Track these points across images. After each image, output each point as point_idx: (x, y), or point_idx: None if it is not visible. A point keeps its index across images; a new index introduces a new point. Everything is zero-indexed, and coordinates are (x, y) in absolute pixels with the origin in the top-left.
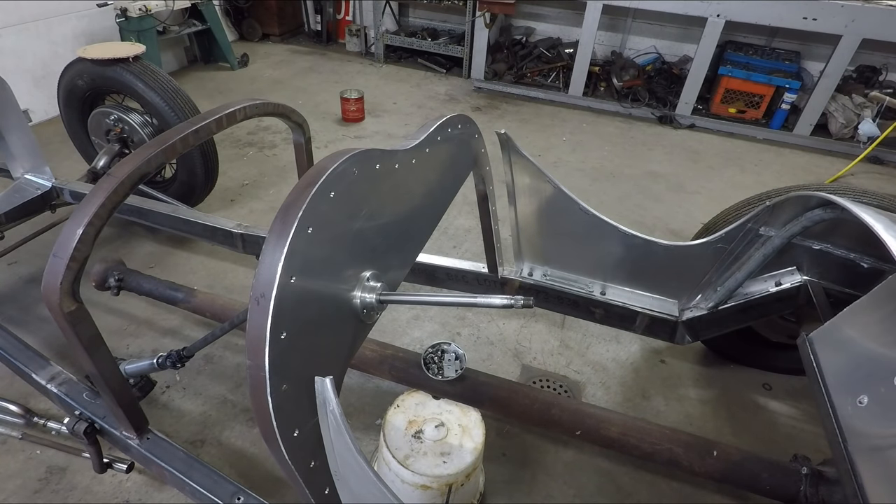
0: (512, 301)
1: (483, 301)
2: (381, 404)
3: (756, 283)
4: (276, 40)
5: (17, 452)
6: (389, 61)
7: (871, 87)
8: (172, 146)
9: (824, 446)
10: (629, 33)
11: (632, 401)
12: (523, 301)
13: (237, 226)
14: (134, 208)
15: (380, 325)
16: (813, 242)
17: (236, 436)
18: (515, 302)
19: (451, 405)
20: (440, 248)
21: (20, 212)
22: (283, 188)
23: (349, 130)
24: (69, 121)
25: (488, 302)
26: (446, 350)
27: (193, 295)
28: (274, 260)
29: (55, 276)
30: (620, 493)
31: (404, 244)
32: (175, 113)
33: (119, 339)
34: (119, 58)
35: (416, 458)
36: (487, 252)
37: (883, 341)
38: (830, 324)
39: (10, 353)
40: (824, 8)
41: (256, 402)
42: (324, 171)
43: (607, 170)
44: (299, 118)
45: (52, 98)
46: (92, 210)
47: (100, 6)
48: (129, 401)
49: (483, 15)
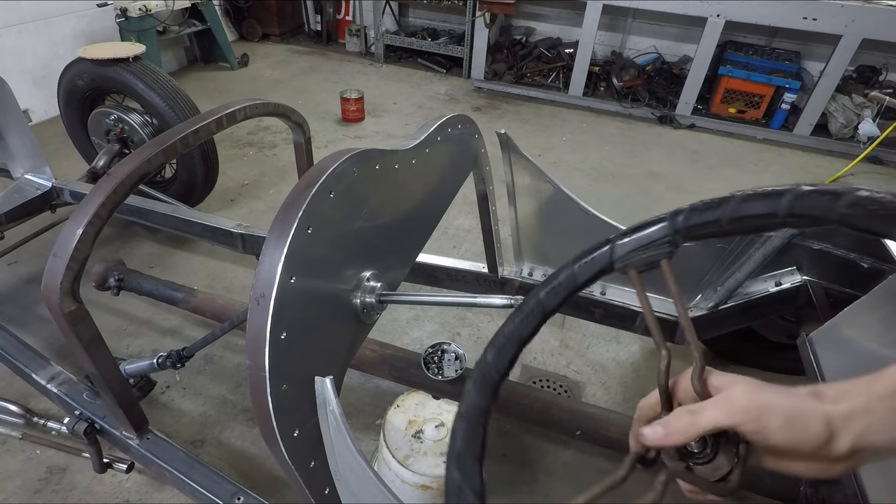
0: (512, 301)
1: (483, 301)
2: (381, 404)
3: (756, 283)
4: (276, 40)
5: (17, 452)
6: (389, 61)
7: (871, 87)
8: (172, 146)
9: None
10: (629, 33)
11: (632, 401)
12: (523, 301)
13: (237, 226)
14: (134, 208)
15: (380, 325)
16: (813, 242)
17: (236, 436)
18: (515, 302)
19: (451, 405)
20: (440, 248)
21: (20, 212)
22: (283, 188)
23: (349, 130)
24: (69, 121)
25: (488, 302)
26: (446, 350)
27: (193, 295)
28: (274, 260)
29: (55, 276)
30: (620, 493)
31: (404, 244)
32: (175, 113)
33: (119, 339)
34: (119, 58)
35: (416, 458)
36: (487, 252)
37: (883, 341)
38: (830, 324)
39: (10, 353)
40: (824, 8)
41: (256, 402)
42: (324, 171)
43: (607, 170)
44: (299, 118)
45: (52, 98)
46: (92, 210)
47: (100, 6)
48: (129, 401)
49: (483, 15)
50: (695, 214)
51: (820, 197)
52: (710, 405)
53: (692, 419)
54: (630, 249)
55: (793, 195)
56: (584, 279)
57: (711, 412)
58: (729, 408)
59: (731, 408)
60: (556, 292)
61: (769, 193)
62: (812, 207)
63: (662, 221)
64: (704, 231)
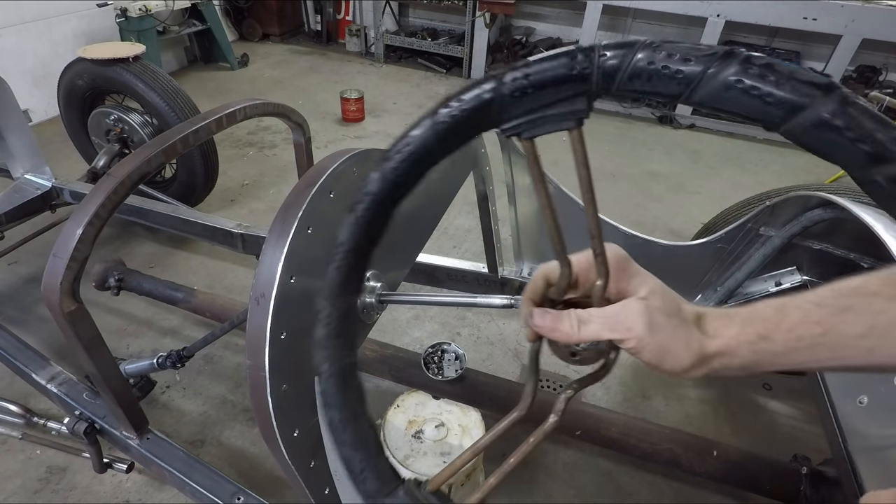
0: (512, 301)
1: (483, 301)
2: (381, 404)
3: (756, 283)
4: (276, 40)
5: (17, 452)
6: (389, 61)
7: (871, 87)
8: (172, 146)
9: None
10: (629, 33)
11: (632, 401)
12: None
13: (237, 226)
14: (134, 208)
15: (380, 325)
16: (813, 242)
17: (236, 436)
18: (515, 302)
19: (451, 405)
20: (440, 248)
21: (20, 212)
22: (283, 188)
23: (349, 130)
24: (69, 121)
25: (488, 302)
26: (446, 350)
27: (193, 295)
28: (274, 260)
29: (55, 276)
30: (620, 493)
31: (404, 244)
32: (175, 113)
33: (119, 339)
34: (119, 58)
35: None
36: (487, 252)
37: None
38: None
39: (10, 353)
40: (824, 8)
41: (256, 402)
42: (324, 171)
43: (607, 170)
44: (299, 118)
45: (52, 98)
46: (92, 210)
47: (100, 6)
48: (129, 401)
49: (483, 15)
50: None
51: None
52: (598, 318)
53: (579, 328)
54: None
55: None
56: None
57: (597, 326)
58: (614, 325)
59: (617, 326)
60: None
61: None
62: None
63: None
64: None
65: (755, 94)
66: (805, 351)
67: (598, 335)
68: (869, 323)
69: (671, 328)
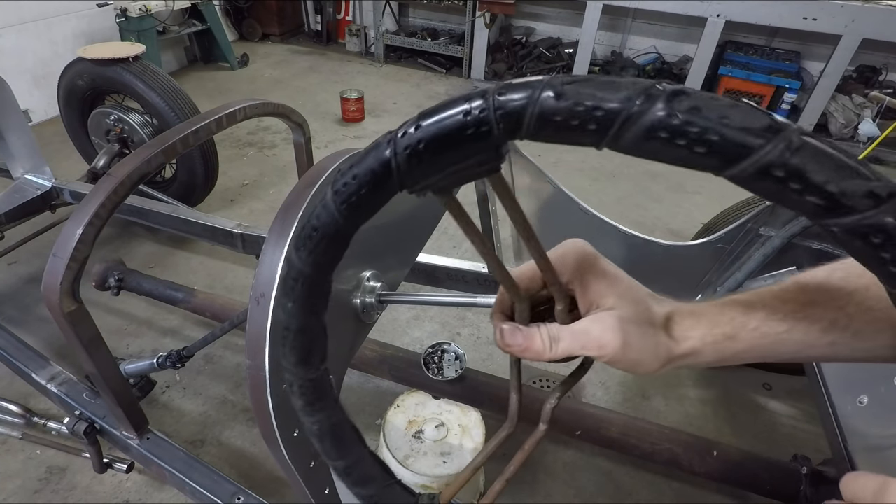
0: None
1: (483, 301)
2: (381, 404)
3: (756, 283)
4: (276, 40)
5: (17, 452)
6: (389, 61)
7: (871, 87)
8: (172, 146)
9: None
10: (629, 33)
11: (632, 401)
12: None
13: (237, 226)
14: (134, 208)
15: (380, 325)
16: (813, 242)
17: (236, 436)
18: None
19: (451, 405)
20: (440, 248)
21: (20, 212)
22: (283, 188)
23: (349, 130)
24: (69, 121)
25: (488, 302)
26: (446, 350)
27: (193, 295)
28: (274, 260)
29: (55, 276)
30: (620, 493)
31: (404, 244)
32: (175, 113)
33: (119, 339)
34: (119, 58)
35: (416, 458)
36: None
37: None
38: None
39: (10, 353)
40: (824, 8)
41: (256, 402)
42: (324, 171)
43: (607, 170)
44: (299, 118)
45: (52, 98)
46: (92, 210)
47: (100, 6)
48: (129, 401)
49: (483, 15)
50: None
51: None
52: (568, 336)
53: (551, 345)
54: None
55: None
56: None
57: (568, 344)
58: (585, 343)
59: (588, 343)
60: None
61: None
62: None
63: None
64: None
65: (681, 143)
66: (769, 346)
67: (570, 352)
68: (830, 318)
69: (642, 339)
